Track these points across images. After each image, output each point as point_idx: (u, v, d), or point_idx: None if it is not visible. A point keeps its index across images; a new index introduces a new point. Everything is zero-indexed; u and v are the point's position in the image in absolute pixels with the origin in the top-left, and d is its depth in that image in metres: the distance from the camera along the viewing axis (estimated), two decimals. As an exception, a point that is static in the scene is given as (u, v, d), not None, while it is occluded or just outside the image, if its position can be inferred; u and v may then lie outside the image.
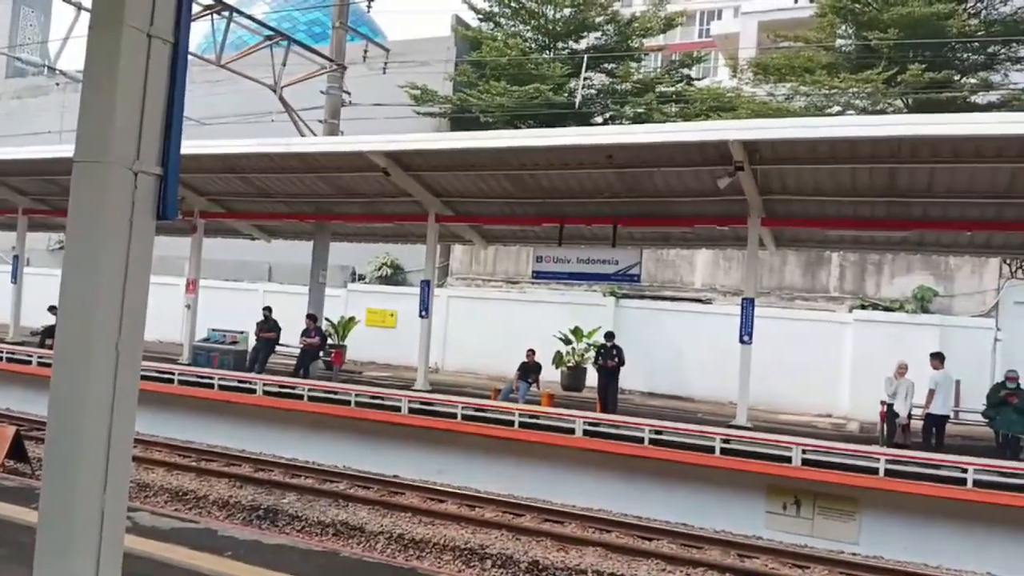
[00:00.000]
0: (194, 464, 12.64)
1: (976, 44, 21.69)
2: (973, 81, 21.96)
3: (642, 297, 20.33)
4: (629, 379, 17.68)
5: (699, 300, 20.27)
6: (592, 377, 16.56)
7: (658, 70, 28.31)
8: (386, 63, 20.40)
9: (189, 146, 14.15)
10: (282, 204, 17.12)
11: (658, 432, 11.41)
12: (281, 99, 18.45)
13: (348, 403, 13.41)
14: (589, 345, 18.32)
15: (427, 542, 9.46)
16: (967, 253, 15.59)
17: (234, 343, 16.86)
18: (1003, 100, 21.47)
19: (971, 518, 9.68)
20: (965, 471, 9.66)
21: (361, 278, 24.96)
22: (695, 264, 20.63)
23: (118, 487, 2.71)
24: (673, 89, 25.90)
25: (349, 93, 19.23)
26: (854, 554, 9.96)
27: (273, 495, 11.22)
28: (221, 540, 7.50)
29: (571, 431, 11.77)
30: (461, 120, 25.33)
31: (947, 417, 12.58)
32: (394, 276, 24.45)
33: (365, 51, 20.50)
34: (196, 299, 17.80)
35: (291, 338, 16.74)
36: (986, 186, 11.18)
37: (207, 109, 23.57)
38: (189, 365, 16.27)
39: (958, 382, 15.74)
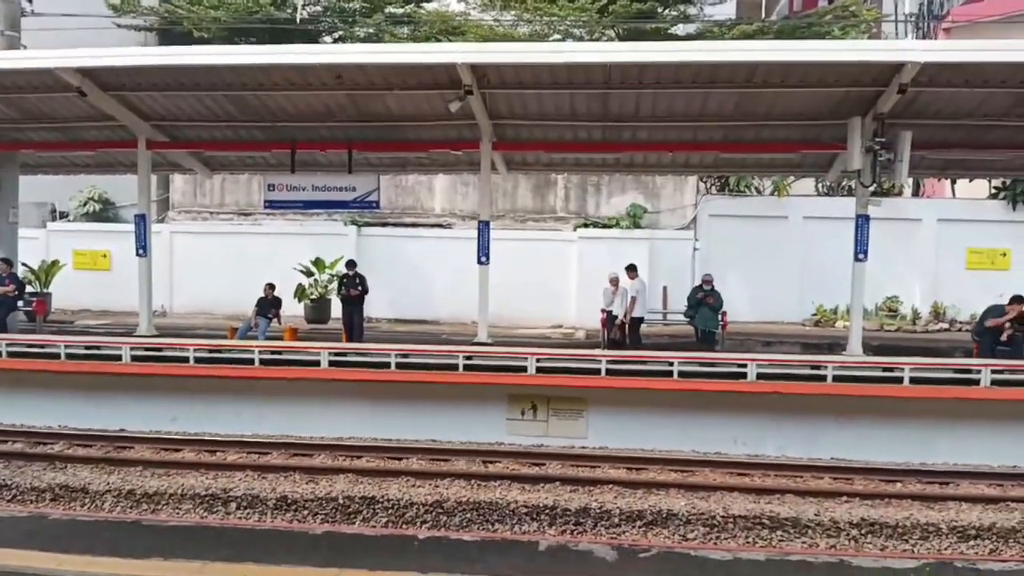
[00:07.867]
0: None
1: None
2: (674, 13, 24.06)
3: (384, 224, 20.25)
4: (375, 307, 17.72)
5: (440, 225, 20.63)
6: (338, 308, 16.31)
7: (388, -10, 27.45)
8: (73, -34, 17.67)
9: None
10: (-49, 132, 14.40)
11: (404, 356, 11.58)
12: (-64, 4, 15.31)
13: (58, 356, 11.95)
14: (332, 276, 17.94)
15: (163, 494, 8.86)
16: (670, 172, 17.36)
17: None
18: (699, 32, 23.79)
19: (677, 405, 11.06)
20: (671, 364, 10.99)
21: (63, 216, 22.03)
22: (434, 190, 20.86)
23: None
24: (403, 11, 25.35)
25: (31, 1, 16.54)
26: (584, 448, 11.00)
27: (-29, 467, 9.82)
28: None
29: (316, 363, 11.55)
30: (171, 35, 22.77)
31: (643, 319, 14.59)
32: (104, 212, 21.86)
33: (45, -50, 17.54)
34: None
35: (-22, 289, 14.43)
36: (683, 110, 12.43)
37: None
38: None
39: (665, 288, 17.91)
